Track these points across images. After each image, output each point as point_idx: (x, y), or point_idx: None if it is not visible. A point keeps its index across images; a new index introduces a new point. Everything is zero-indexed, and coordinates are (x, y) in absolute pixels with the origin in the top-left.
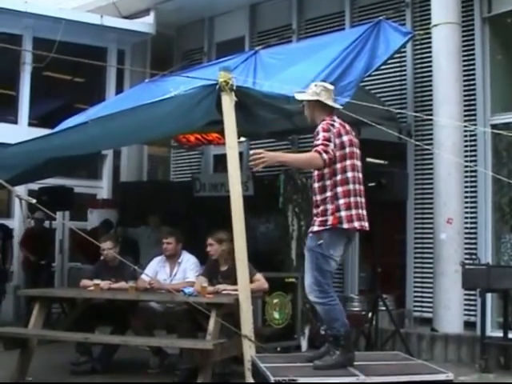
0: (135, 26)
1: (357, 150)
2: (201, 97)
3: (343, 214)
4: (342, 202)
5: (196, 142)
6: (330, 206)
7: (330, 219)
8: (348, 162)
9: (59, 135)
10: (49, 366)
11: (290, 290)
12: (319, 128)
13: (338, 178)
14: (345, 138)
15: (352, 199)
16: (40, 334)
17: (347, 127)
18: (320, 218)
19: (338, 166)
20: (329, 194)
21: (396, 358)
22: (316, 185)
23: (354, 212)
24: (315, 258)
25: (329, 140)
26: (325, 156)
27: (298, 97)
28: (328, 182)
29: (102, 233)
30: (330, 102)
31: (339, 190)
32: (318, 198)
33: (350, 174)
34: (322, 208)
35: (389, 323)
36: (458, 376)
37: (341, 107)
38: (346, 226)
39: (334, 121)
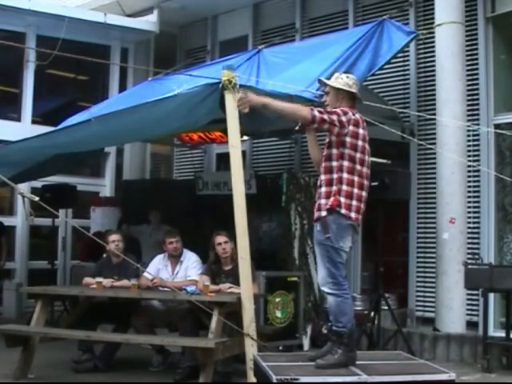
0: (139, 24)
1: (368, 147)
2: (204, 95)
3: (342, 200)
4: (344, 188)
5: (199, 141)
6: (334, 188)
7: (331, 200)
8: (358, 155)
9: (62, 132)
10: (51, 364)
11: (292, 289)
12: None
13: (345, 164)
14: (361, 131)
15: (356, 190)
16: (42, 331)
17: (364, 123)
18: (323, 201)
19: (347, 151)
20: (335, 175)
21: (398, 358)
22: (323, 164)
23: (354, 203)
24: (326, 251)
25: (335, 113)
26: (315, 112)
27: (330, 83)
28: (334, 164)
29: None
30: (358, 96)
31: (345, 175)
32: (322, 177)
33: (358, 167)
34: (325, 189)
35: (391, 322)
36: (460, 376)
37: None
38: (343, 211)
39: (354, 114)
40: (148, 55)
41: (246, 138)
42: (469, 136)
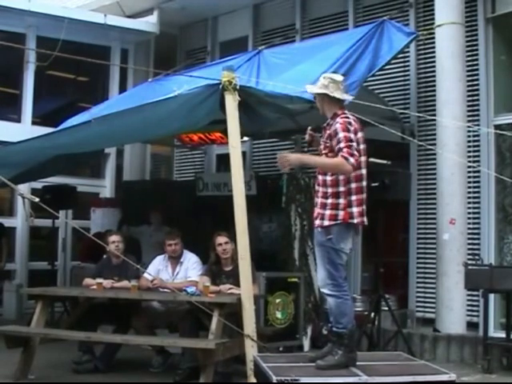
0: (139, 25)
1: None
2: (204, 96)
3: (355, 209)
4: (354, 198)
5: (199, 142)
6: (342, 201)
7: (341, 214)
8: (362, 159)
9: (62, 133)
10: (51, 365)
11: (292, 290)
12: (338, 128)
13: (353, 174)
14: (359, 135)
15: (363, 196)
16: (42, 332)
17: (359, 123)
18: (330, 212)
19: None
20: (342, 188)
21: (398, 359)
22: (328, 178)
23: (363, 208)
24: (327, 252)
25: (351, 140)
26: (352, 160)
27: (308, 89)
28: (341, 177)
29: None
30: (337, 95)
31: (353, 185)
32: (330, 190)
33: (363, 171)
34: (332, 201)
35: (391, 323)
36: (461, 377)
37: (351, 98)
38: (355, 220)
39: (348, 117)
40: (148, 56)
41: (246, 138)
42: (469, 137)
